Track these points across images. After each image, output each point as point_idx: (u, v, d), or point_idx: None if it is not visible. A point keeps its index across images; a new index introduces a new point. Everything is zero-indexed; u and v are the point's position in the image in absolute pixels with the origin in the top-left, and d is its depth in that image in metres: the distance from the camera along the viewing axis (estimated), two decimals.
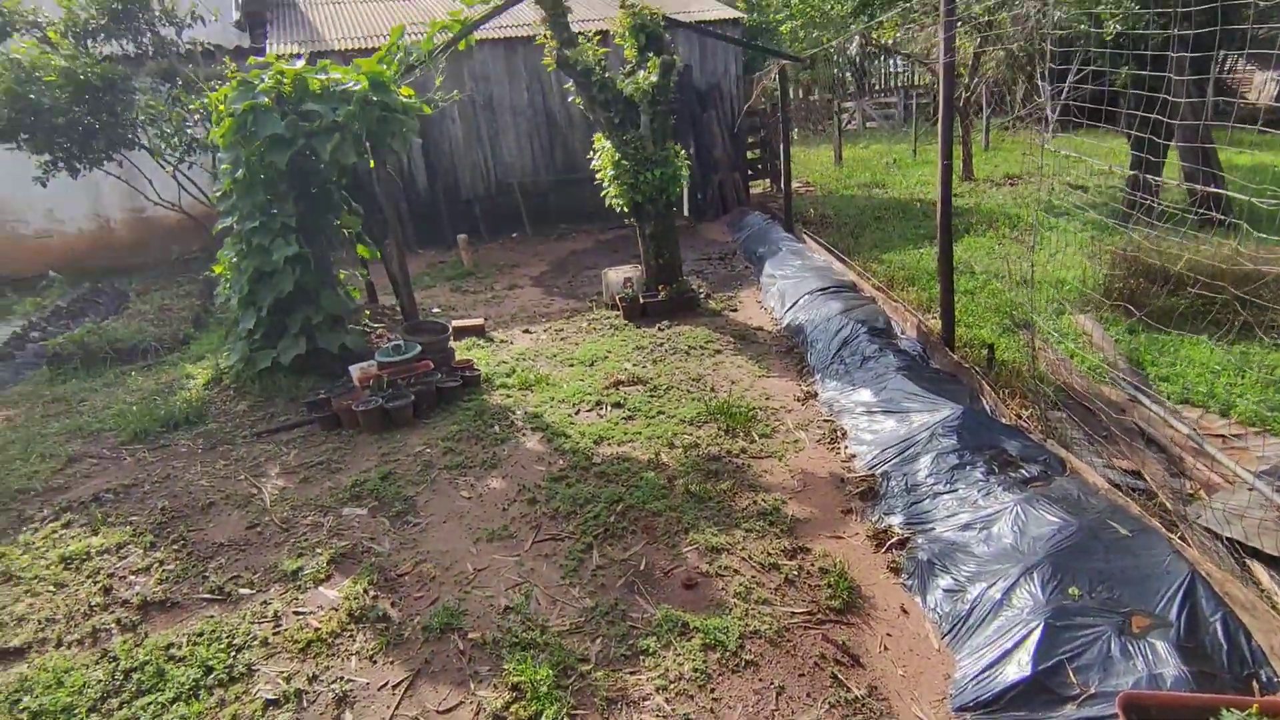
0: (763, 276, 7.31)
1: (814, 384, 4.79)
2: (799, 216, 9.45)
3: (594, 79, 6.13)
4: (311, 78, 5.07)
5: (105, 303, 8.84)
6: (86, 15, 8.31)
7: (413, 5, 12.28)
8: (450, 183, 10.98)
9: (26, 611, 3.06)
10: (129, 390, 5.75)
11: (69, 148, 8.05)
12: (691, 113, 10.88)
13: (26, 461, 4.57)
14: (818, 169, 14.07)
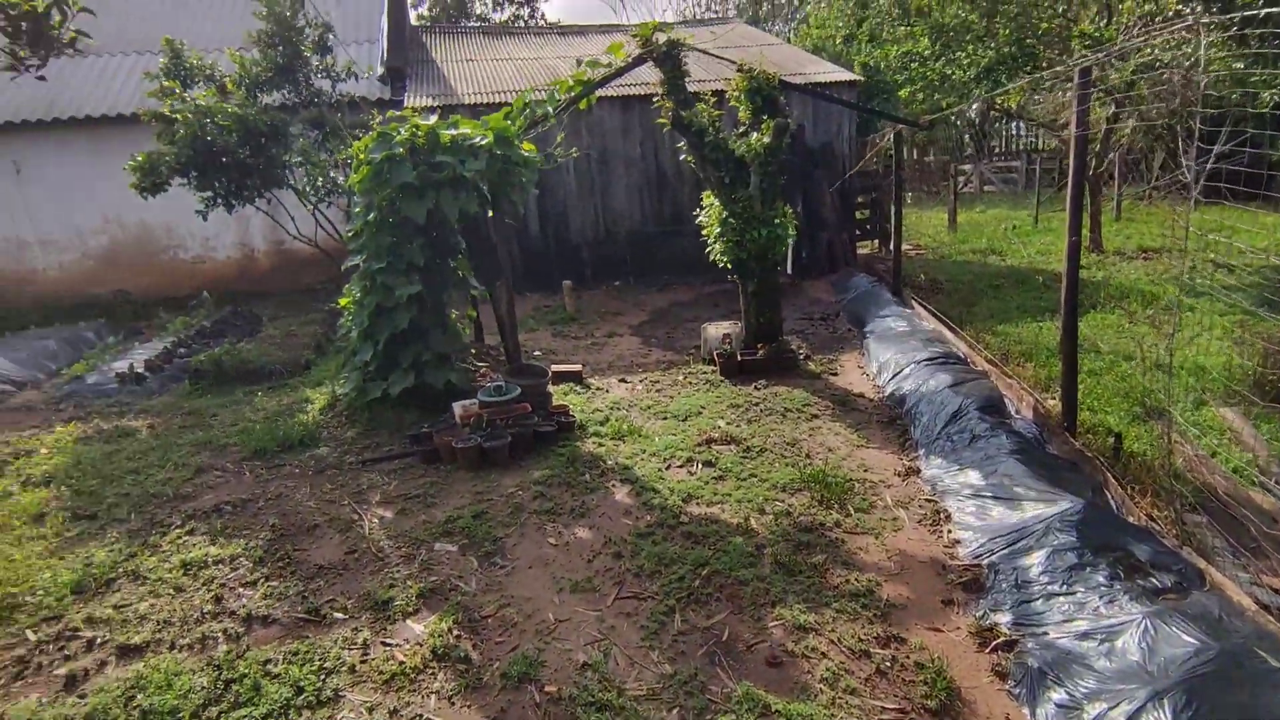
0: (866, 341, 7.11)
1: (916, 459, 4.57)
2: (908, 281, 9.18)
3: (707, 139, 6.26)
4: (443, 132, 5.43)
5: (242, 325, 9.64)
6: (258, 69, 9.32)
7: (539, 64, 13.02)
8: (561, 230, 11.40)
9: (148, 611, 3.29)
10: (254, 409, 6.20)
11: (229, 185, 8.94)
12: (802, 171, 10.89)
13: (162, 469, 4.98)
14: (929, 232, 13.70)
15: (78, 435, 5.81)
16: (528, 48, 14.25)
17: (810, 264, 10.98)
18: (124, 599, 3.41)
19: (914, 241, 12.67)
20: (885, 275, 9.51)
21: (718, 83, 10.64)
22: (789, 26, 29.04)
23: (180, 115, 8.38)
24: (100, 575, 3.60)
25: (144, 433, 5.82)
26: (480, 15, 28.67)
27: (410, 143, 5.37)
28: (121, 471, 4.96)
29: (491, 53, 13.78)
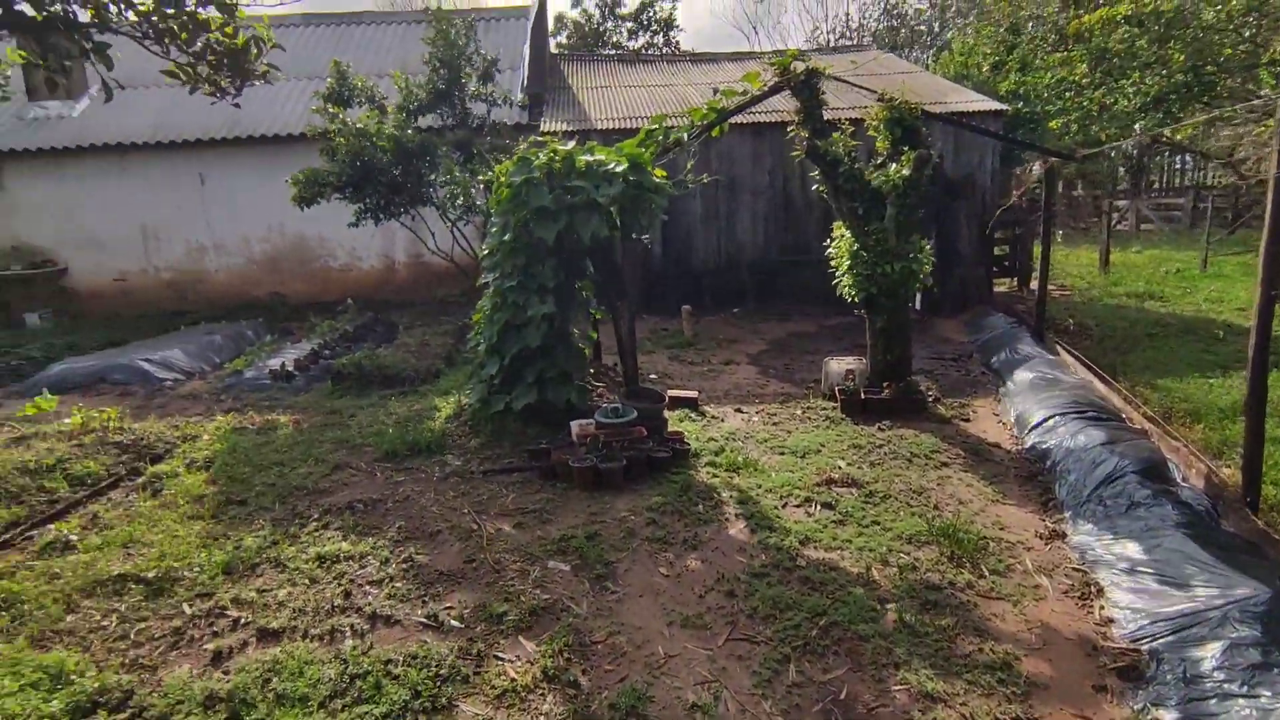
0: (1004, 386, 6.65)
1: (1062, 522, 4.18)
2: (1052, 324, 8.54)
3: (842, 169, 6.10)
4: (579, 158, 5.58)
5: (380, 332, 10.30)
6: (420, 90, 10.03)
7: (670, 90, 13.24)
8: (683, 254, 11.47)
9: (286, 598, 3.51)
10: (387, 413, 6.57)
11: (379, 200, 9.61)
12: (938, 203, 10.41)
13: (304, 463, 5.35)
14: (1077, 272, 12.72)
15: (234, 425, 6.36)
16: (660, 75, 14.54)
17: (942, 300, 10.44)
18: (266, 584, 3.66)
19: (1060, 281, 11.80)
20: (1026, 316, 8.89)
21: (853, 111, 10.40)
22: (928, 54, 28.09)
23: (342, 135, 9.12)
24: (247, 559, 3.89)
25: (290, 428, 6.29)
26: (616, 44, 29.62)
27: (548, 167, 5.56)
28: (269, 462, 5.37)
29: (624, 79, 14.16)
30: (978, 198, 10.78)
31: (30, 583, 3.69)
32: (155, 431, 6.02)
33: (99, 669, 2.99)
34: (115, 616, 3.41)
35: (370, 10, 17.71)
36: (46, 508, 4.62)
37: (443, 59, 9.99)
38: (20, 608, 3.46)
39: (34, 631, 3.28)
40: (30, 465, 5.01)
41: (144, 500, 4.79)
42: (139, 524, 4.36)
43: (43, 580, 3.72)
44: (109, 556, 3.97)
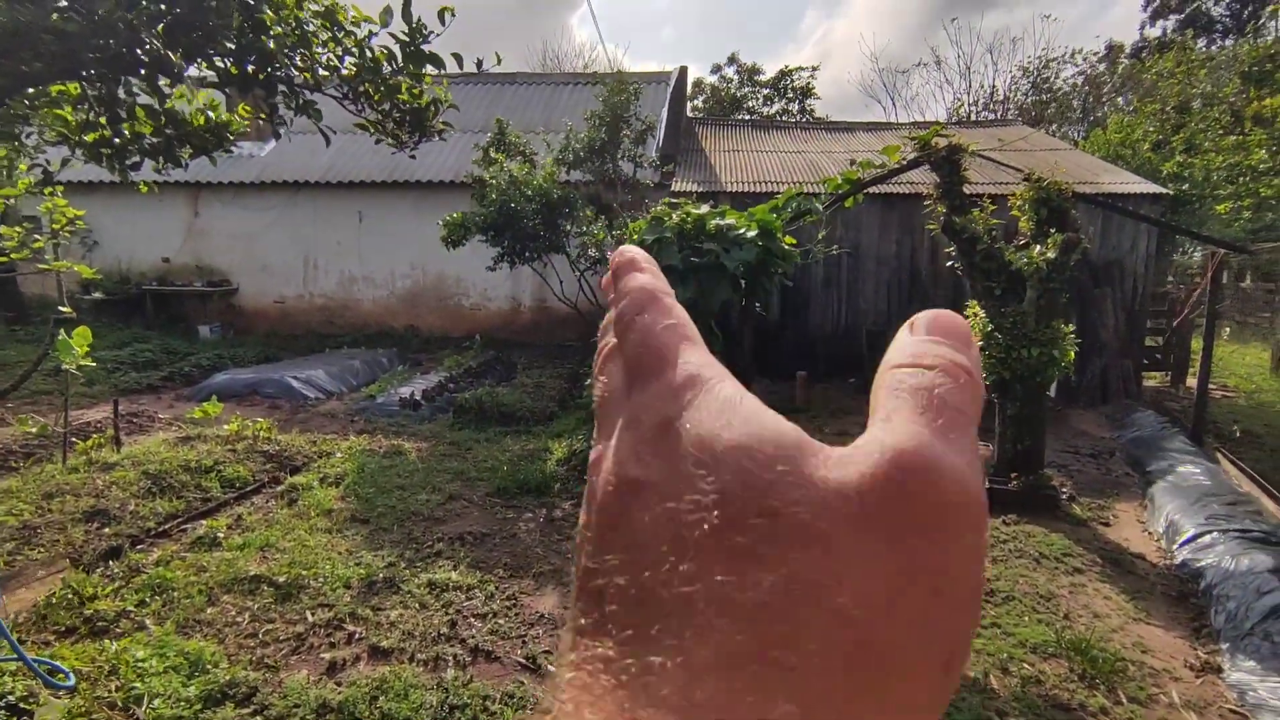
0: (1151, 490, 6.07)
1: (1217, 654, 3.73)
2: (1212, 427, 7.76)
3: (980, 247, 5.91)
4: (710, 221, 5.72)
5: (501, 370, 10.78)
6: (577, 145, 10.64)
7: (801, 157, 13.35)
8: (800, 319, 11.36)
9: (397, 620, 3.69)
10: (502, 449, 6.83)
11: (516, 246, 10.19)
12: (1081, 287, 9.82)
13: (423, 490, 5.64)
14: (1244, 372, 11.53)
15: (364, 447, 6.81)
16: (793, 141, 14.71)
17: (1079, 391, 9.74)
18: (380, 603, 3.86)
19: (1222, 381, 10.73)
20: (1180, 416, 8.13)
21: (995, 187, 10.08)
22: (1077, 130, 26.87)
23: (496, 181, 9.79)
24: (366, 576, 4.12)
25: (413, 455, 6.66)
26: (751, 109, 30.29)
27: (679, 228, 5.72)
28: (392, 485, 5.70)
29: (756, 144, 14.42)
30: (1127, 284, 10.07)
31: (181, 573, 4.07)
32: (296, 445, 6.55)
33: (230, 662, 3.24)
34: (248, 614, 3.70)
35: (523, 71, 19.09)
36: (201, 504, 5.11)
37: (605, 118, 10.58)
38: (171, 594, 3.82)
39: (180, 618, 3.61)
40: (192, 464, 5.58)
41: (281, 508, 5.20)
42: (275, 529, 4.73)
43: (191, 572, 4.09)
44: (248, 557, 4.32)
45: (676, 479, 0.24)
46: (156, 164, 3.60)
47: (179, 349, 11.05)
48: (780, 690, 0.20)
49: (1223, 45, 24.32)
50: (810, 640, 0.21)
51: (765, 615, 0.21)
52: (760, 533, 0.22)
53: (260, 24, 2.84)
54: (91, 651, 3.22)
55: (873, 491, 0.22)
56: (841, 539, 0.22)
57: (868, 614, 0.21)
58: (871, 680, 0.21)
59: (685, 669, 0.21)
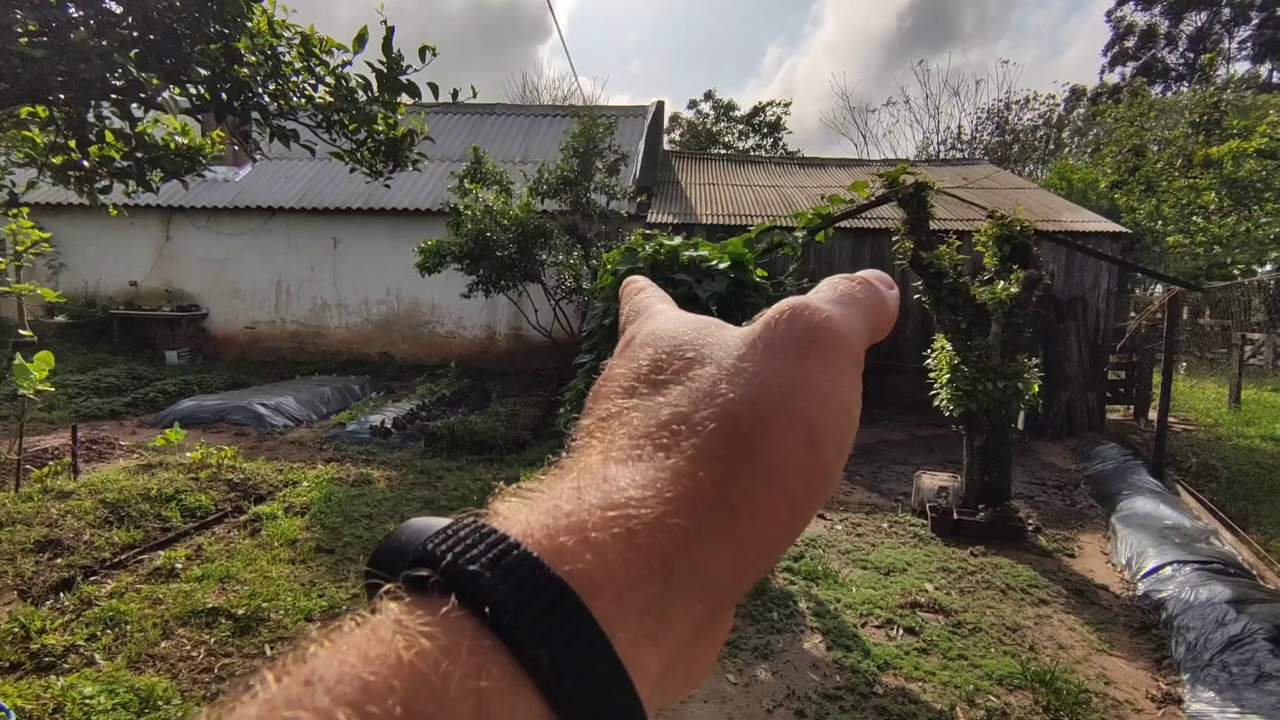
0: (1114, 522, 6.17)
1: (1178, 685, 3.78)
2: (1172, 460, 7.93)
3: (946, 282, 6.04)
4: (683, 253, 5.80)
5: (474, 398, 10.70)
6: (550, 176, 10.73)
7: (775, 191, 13.60)
8: None
9: None
10: (474, 478, 6.76)
11: (492, 274, 10.19)
12: (1046, 322, 10.06)
13: (392, 519, 5.55)
14: (1203, 406, 11.83)
15: (332, 475, 6.70)
16: (767, 176, 14.99)
17: (1045, 424, 9.92)
18: None
19: (1182, 414, 11.00)
20: (1143, 449, 8.31)
21: (961, 224, 10.36)
22: (1041, 168, 27.74)
23: (470, 210, 9.82)
24: (330, 608, 4.03)
25: (382, 483, 6.56)
26: (727, 144, 30.85)
27: (653, 259, 5.79)
28: (360, 515, 5.61)
29: (732, 178, 14.67)
30: (1089, 319, 10.35)
31: (135, 605, 3.94)
32: (262, 473, 6.42)
33: (183, 698, 3.13)
34: (204, 648, 3.59)
35: (502, 103, 19.29)
36: (160, 534, 4.98)
37: (578, 150, 10.69)
38: (124, 628, 3.70)
39: (132, 653, 3.49)
40: (152, 493, 5.44)
41: (243, 538, 5.08)
42: (236, 560, 4.62)
43: (146, 604, 3.97)
44: (206, 589, 4.20)
45: (631, 360, 0.34)
46: (126, 187, 3.56)
47: (145, 374, 10.83)
48: (674, 448, 0.28)
49: (1178, 90, 25.40)
50: (698, 421, 0.29)
51: (667, 407, 0.30)
52: (677, 368, 0.32)
53: (234, 52, 2.86)
54: (36, 688, 3.10)
55: (764, 323, 0.32)
56: (732, 358, 0.31)
57: (742, 399, 0.29)
58: (742, 444, 0.28)
59: (609, 443, 0.30)
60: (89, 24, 2.46)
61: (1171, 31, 32.48)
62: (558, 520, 0.26)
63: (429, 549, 0.25)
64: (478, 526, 0.25)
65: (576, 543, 0.25)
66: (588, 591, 0.24)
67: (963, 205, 10.19)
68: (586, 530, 0.26)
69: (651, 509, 0.26)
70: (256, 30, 2.98)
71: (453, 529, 0.26)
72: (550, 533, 0.25)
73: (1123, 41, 33.77)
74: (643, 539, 0.26)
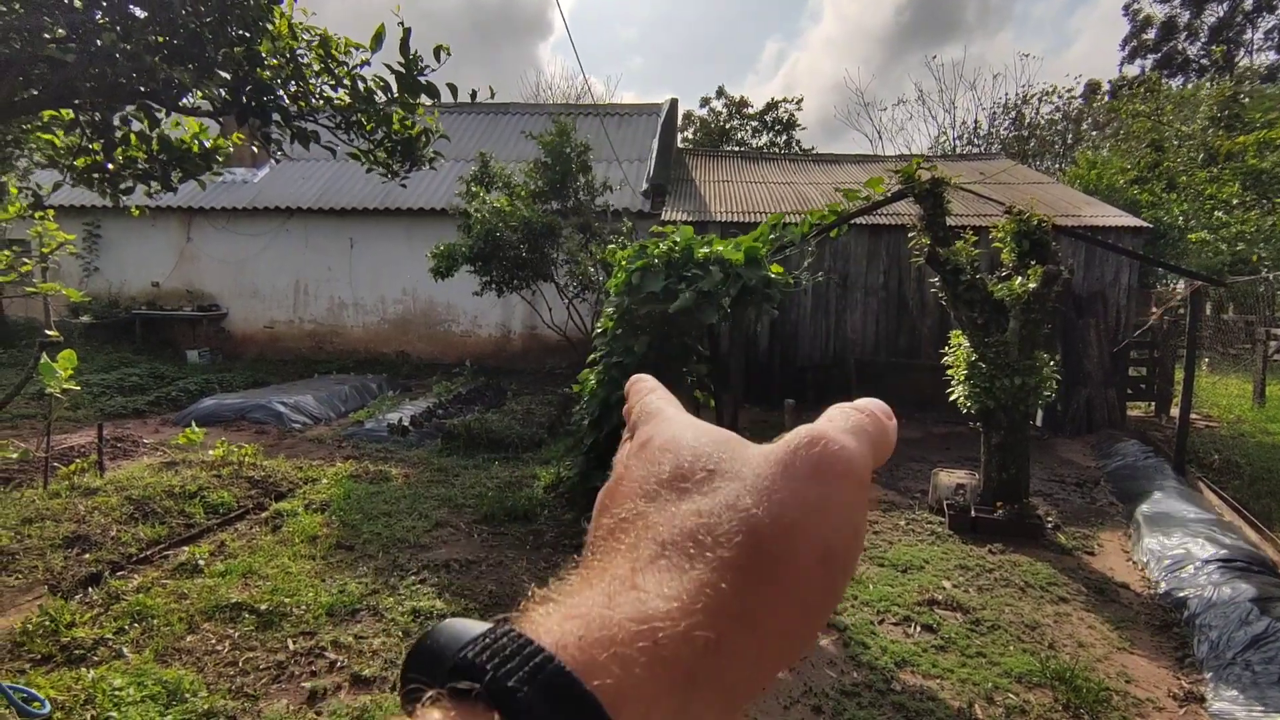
0: (1136, 520, 6.11)
1: (1200, 683, 3.74)
2: (1195, 457, 7.84)
3: (963, 278, 6.00)
4: (698, 249, 5.80)
5: (490, 396, 10.77)
6: (536, 185, 10.78)
7: (790, 188, 13.55)
8: (789, 348, 11.44)
9: (380, 648, 3.65)
10: (490, 476, 6.81)
11: (504, 274, 10.25)
12: (1065, 319, 9.96)
13: (409, 516, 5.61)
14: (1226, 403, 11.67)
15: (351, 473, 6.77)
16: (781, 172, 14.94)
17: (1065, 420, 9.82)
18: (363, 631, 3.82)
19: (1205, 411, 10.85)
20: (1164, 446, 8.21)
21: (978, 219, 10.28)
22: (1059, 164, 27.42)
23: (479, 214, 9.89)
24: (349, 604, 4.08)
25: (399, 481, 6.63)
26: (740, 141, 30.76)
27: (667, 256, 5.80)
28: (378, 512, 5.67)
29: (746, 175, 14.64)
30: (1109, 315, 10.23)
31: (161, 600, 4.02)
32: (282, 471, 6.50)
33: (209, 691, 3.19)
34: (228, 642, 3.65)
35: (516, 102, 19.36)
36: (184, 530, 5.06)
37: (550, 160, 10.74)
38: (151, 622, 3.77)
39: (159, 646, 3.56)
40: (176, 490, 5.53)
41: (265, 534, 5.16)
42: (259, 556, 4.69)
43: (172, 599, 4.04)
44: (229, 584, 4.27)
45: (651, 463, 0.36)
46: (148, 188, 3.63)
47: (167, 374, 10.99)
48: (699, 558, 0.30)
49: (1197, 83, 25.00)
50: (723, 533, 0.31)
51: (692, 516, 0.32)
52: (700, 479, 0.34)
53: (255, 55, 2.91)
54: (68, 680, 3.17)
55: (785, 448, 0.34)
56: (754, 475, 0.33)
57: (764, 514, 0.31)
58: (764, 558, 0.30)
59: (635, 548, 0.32)
60: (115, 29, 2.52)
61: (1193, 23, 31.97)
62: (590, 631, 0.28)
63: (469, 658, 0.27)
64: (514, 636, 0.28)
65: (607, 658, 0.27)
66: (615, 705, 0.26)
67: (979, 200, 10.11)
68: (616, 644, 0.27)
69: (677, 622, 0.28)
70: (277, 33, 3.03)
71: (491, 638, 0.28)
72: (582, 645, 0.27)
73: (1142, 34, 33.30)
74: (669, 652, 0.28)
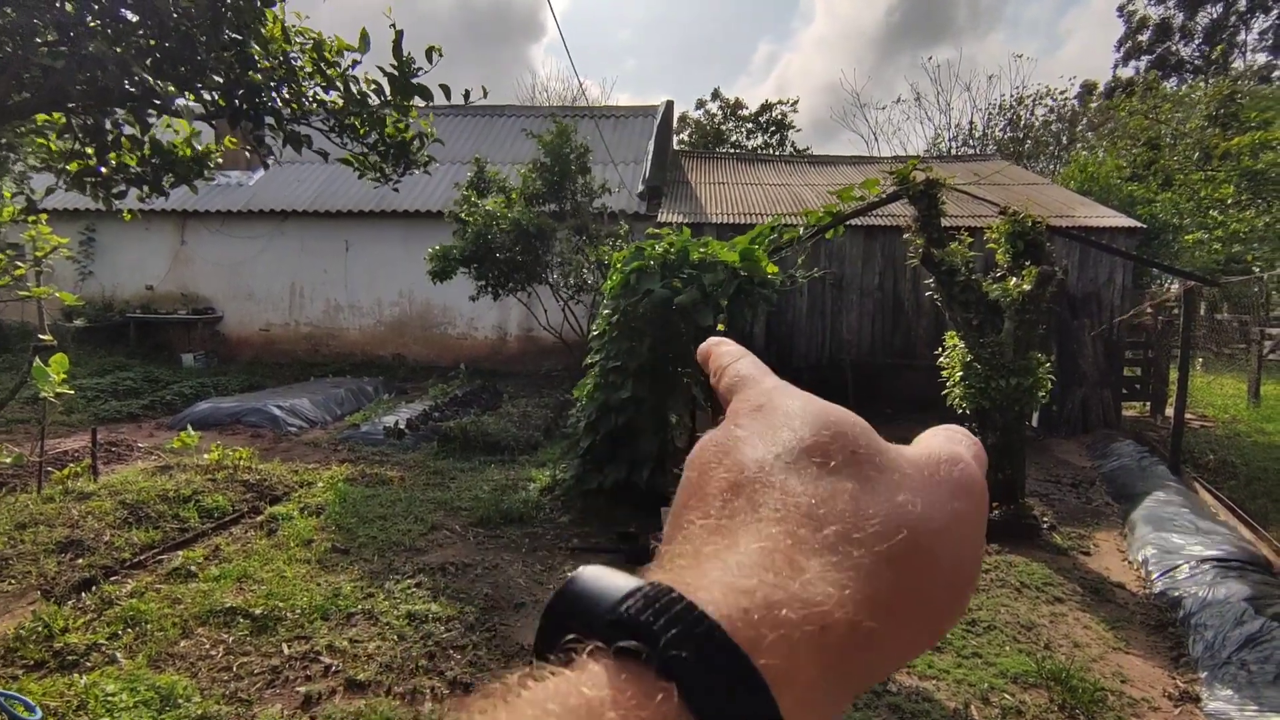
0: (1131, 520, 6.12)
1: (1195, 683, 3.74)
2: (1190, 457, 7.86)
3: (958, 279, 6.02)
4: (694, 250, 5.80)
5: (486, 399, 10.75)
6: (534, 187, 10.77)
7: (786, 190, 13.57)
8: (784, 349, 11.45)
9: (375, 651, 3.64)
10: (486, 479, 6.79)
11: (499, 277, 10.25)
12: (1060, 319, 9.99)
13: (405, 519, 5.59)
14: (1221, 403, 11.70)
15: (346, 476, 6.75)
16: (777, 174, 14.96)
17: (1060, 420, 9.85)
18: (359, 634, 3.81)
19: (1200, 411, 10.88)
20: (1160, 446, 8.23)
21: (973, 220, 10.30)
22: (1053, 165, 27.49)
23: (472, 218, 9.88)
24: (344, 608, 4.07)
25: (395, 483, 6.61)
26: (735, 143, 30.79)
27: (663, 257, 5.80)
28: (374, 515, 5.65)
29: (741, 177, 14.66)
30: (1104, 315, 10.26)
31: (155, 604, 4.00)
32: (277, 474, 6.48)
33: (203, 696, 3.18)
34: (222, 647, 3.64)
35: (512, 104, 19.36)
36: (178, 535, 5.04)
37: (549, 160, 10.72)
38: (144, 627, 3.76)
39: (152, 652, 3.54)
40: (170, 494, 5.51)
41: (260, 538, 5.14)
42: (253, 560, 4.67)
43: (166, 604, 4.03)
44: (224, 588, 4.25)
45: (777, 428, 0.35)
46: (141, 192, 3.62)
47: (161, 377, 10.96)
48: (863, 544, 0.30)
49: (1192, 83, 25.11)
50: (882, 525, 0.30)
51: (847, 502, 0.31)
52: (844, 460, 0.33)
53: (248, 58, 2.91)
54: (60, 686, 3.16)
55: (929, 459, 0.36)
56: (909, 476, 0.34)
57: (922, 515, 0.32)
58: (921, 556, 0.31)
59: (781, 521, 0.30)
60: (106, 33, 2.51)
61: (1187, 24, 32.11)
62: (754, 606, 0.27)
63: (632, 614, 0.26)
64: (677, 599, 0.26)
65: (775, 639, 0.26)
66: (776, 686, 0.26)
67: (974, 202, 10.13)
68: (782, 625, 0.27)
69: (845, 611, 0.28)
70: (270, 36, 3.03)
71: (653, 596, 0.26)
72: (748, 621, 0.26)
73: (1136, 35, 33.43)
74: (833, 640, 0.27)
